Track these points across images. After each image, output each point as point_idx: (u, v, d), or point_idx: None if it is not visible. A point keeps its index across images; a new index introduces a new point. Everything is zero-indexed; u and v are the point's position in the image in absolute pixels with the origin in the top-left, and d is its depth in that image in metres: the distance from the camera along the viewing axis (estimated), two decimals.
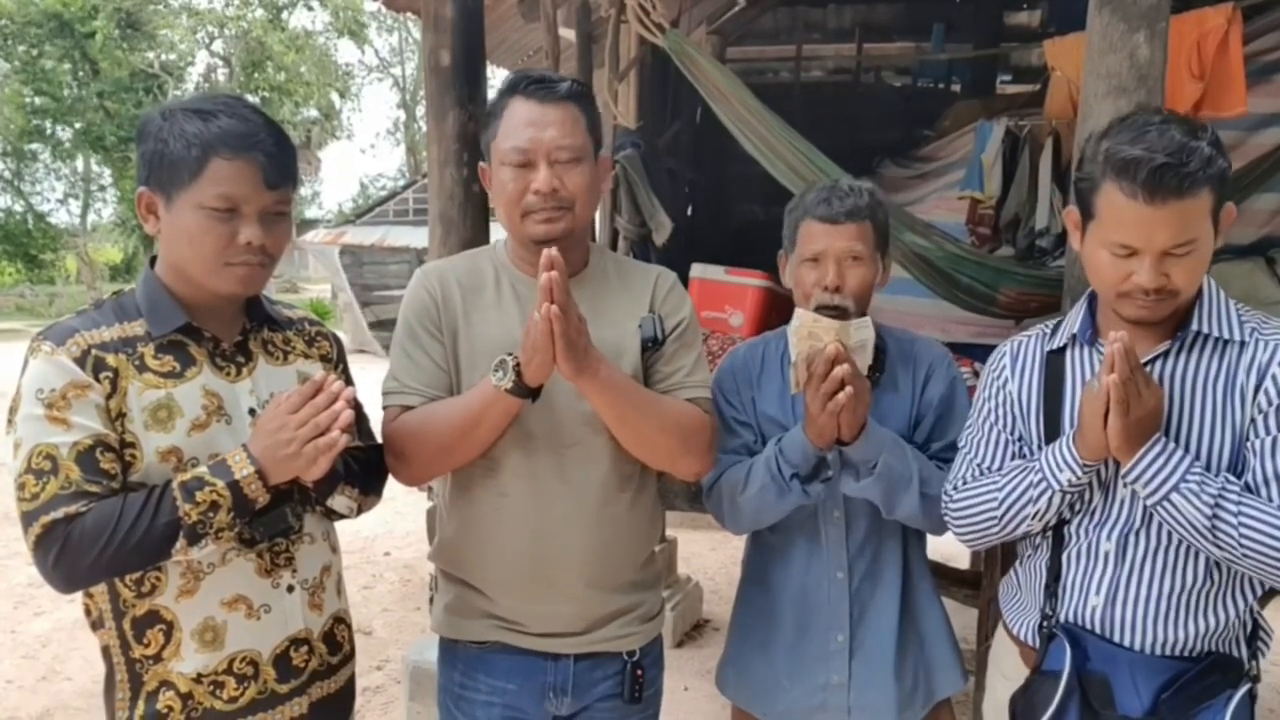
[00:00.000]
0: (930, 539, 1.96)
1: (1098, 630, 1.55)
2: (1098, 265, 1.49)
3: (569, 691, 1.73)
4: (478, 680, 1.74)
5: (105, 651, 1.48)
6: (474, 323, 1.69)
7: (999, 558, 2.47)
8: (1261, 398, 1.47)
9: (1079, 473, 1.51)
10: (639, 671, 1.76)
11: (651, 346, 1.70)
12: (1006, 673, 1.73)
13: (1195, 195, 1.38)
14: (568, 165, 1.61)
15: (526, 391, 1.54)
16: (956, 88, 6.03)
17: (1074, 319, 1.65)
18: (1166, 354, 1.53)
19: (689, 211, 5.25)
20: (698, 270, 3.66)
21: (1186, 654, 1.52)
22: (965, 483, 1.70)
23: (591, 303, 1.62)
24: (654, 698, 1.84)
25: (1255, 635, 1.58)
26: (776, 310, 3.43)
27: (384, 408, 1.69)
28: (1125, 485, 1.52)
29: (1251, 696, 1.50)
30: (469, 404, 1.60)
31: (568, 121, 1.61)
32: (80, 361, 1.38)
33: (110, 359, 1.41)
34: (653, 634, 1.82)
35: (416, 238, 15.15)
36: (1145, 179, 1.37)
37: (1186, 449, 1.48)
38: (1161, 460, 1.44)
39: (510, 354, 1.53)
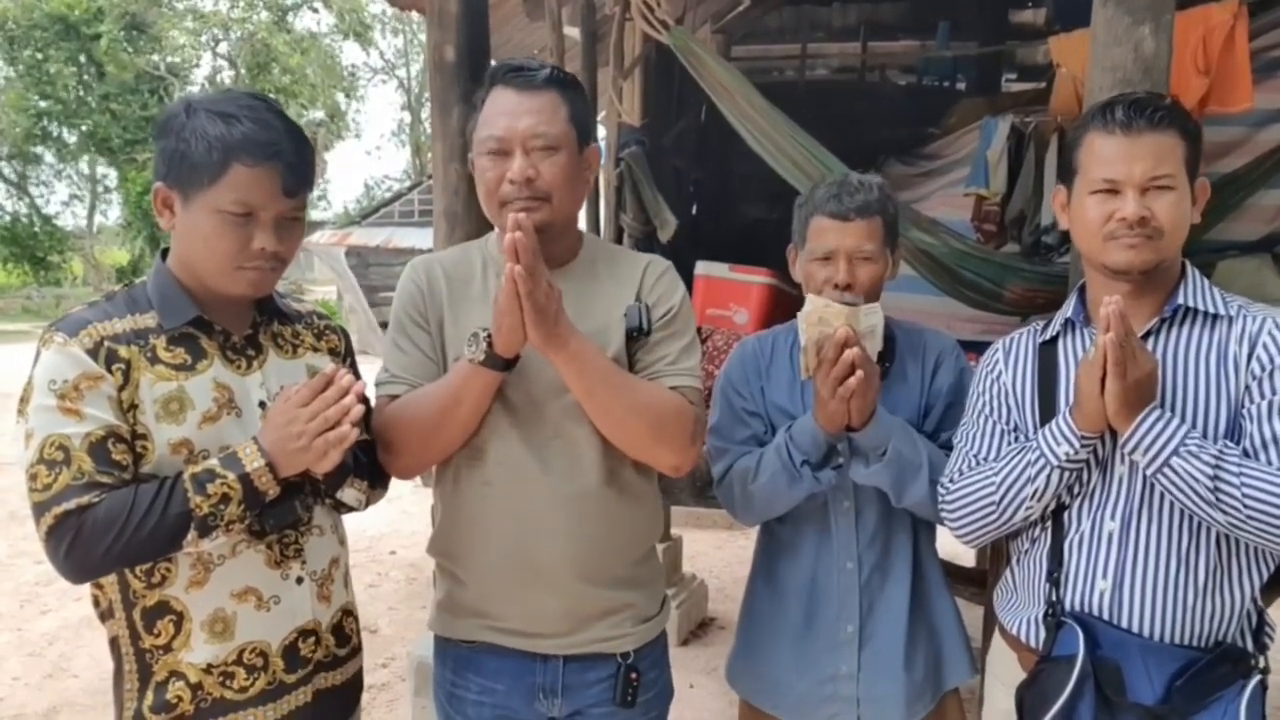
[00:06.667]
0: (937, 535, 1.96)
1: (1106, 616, 1.55)
2: (1084, 217, 1.56)
3: (559, 693, 1.67)
4: (468, 679, 1.72)
5: (114, 642, 1.48)
6: (460, 313, 1.67)
7: (1005, 553, 2.46)
8: (1255, 365, 1.49)
9: (1077, 446, 1.52)
10: (633, 675, 1.69)
11: (637, 336, 1.64)
12: (1004, 679, 1.72)
13: (1167, 132, 1.50)
14: (544, 153, 1.58)
15: (499, 362, 1.52)
16: (961, 85, 6.03)
17: (1066, 307, 1.69)
18: (1158, 331, 1.56)
19: (694, 209, 5.25)
20: (702, 268, 3.67)
21: (1195, 643, 1.51)
22: (961, 474, 1.70)
23: (578, 294, 1.60)
24: (655, 701, 1.76)
25: (1260, 629, 1.58)
26: (781, 307, 3.44)
27: (375, 399, 1.67)
28: (1124, 455, 1.52)
29: (1263, 687, 1.50)
30: (447, 382, 1.58)
31: (546, 109, 1.58)
32: (93, 353, 1.39)
33: (123, 350, 1.41)
34: (650, 635, 1.74)
35: (422, 239, 15.13)
36: (1121, 114, 1.52)
37: (1183, 421, 1.48)
38: (1160, 426, 1.45)
39: (484, 328, 1.52)
